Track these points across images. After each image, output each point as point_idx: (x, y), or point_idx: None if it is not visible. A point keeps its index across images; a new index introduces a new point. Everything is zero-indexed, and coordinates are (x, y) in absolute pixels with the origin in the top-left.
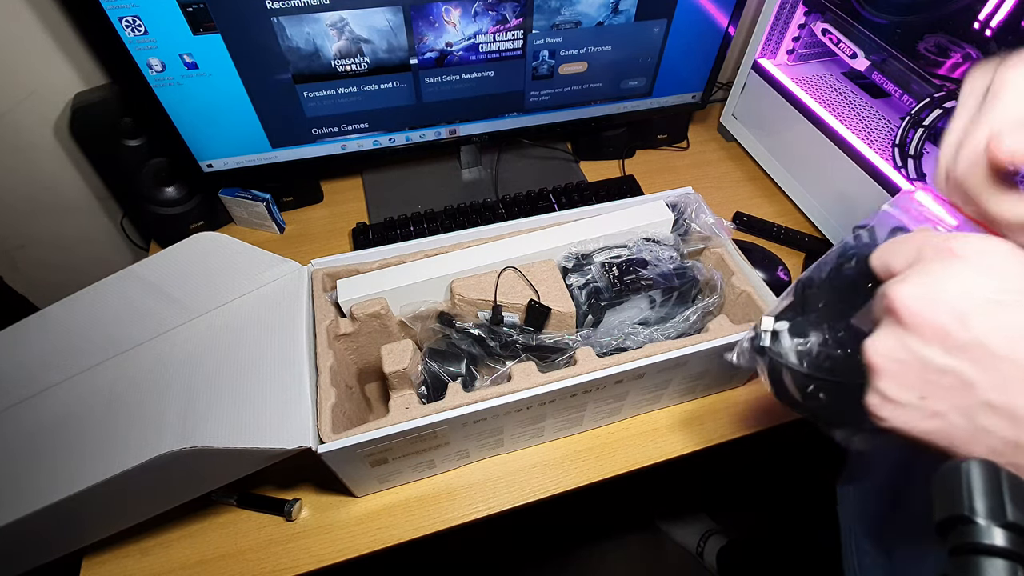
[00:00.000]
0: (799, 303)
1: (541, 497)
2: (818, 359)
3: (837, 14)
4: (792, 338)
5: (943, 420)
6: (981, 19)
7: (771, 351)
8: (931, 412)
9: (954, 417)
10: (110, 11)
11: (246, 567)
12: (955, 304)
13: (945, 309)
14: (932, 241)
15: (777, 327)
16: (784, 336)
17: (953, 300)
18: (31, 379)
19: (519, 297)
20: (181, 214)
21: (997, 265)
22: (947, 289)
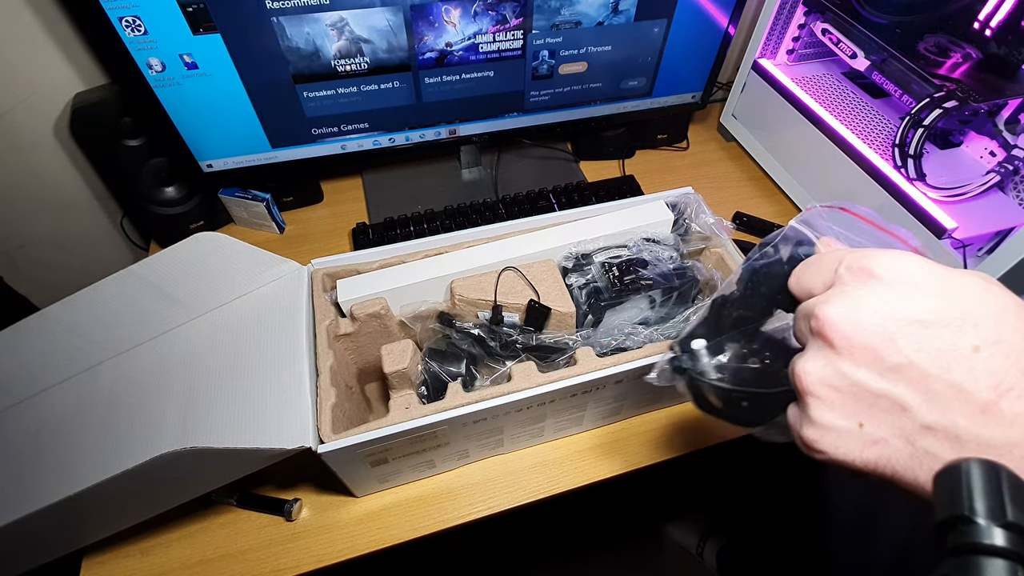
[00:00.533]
0: (714, 321)
1: (541, 497)
2: (738, 373)
3: (837, 14)
4: (711, 356)
5: (884, 447)
6: (981, 19)
7: (692, 371)
8: (871, 439)
9: (895, 442)
10: (110, 11)
11: (246, 567)
12: (882, 325)
13: (874, 330)
14: (848, 261)
15: (695, 346)
16: (703, 354)
17: (880, 321)
18: (31, 379)
19: (519, 297)
20: (181, 214)
21: (915, 283)
22: (873, 310)
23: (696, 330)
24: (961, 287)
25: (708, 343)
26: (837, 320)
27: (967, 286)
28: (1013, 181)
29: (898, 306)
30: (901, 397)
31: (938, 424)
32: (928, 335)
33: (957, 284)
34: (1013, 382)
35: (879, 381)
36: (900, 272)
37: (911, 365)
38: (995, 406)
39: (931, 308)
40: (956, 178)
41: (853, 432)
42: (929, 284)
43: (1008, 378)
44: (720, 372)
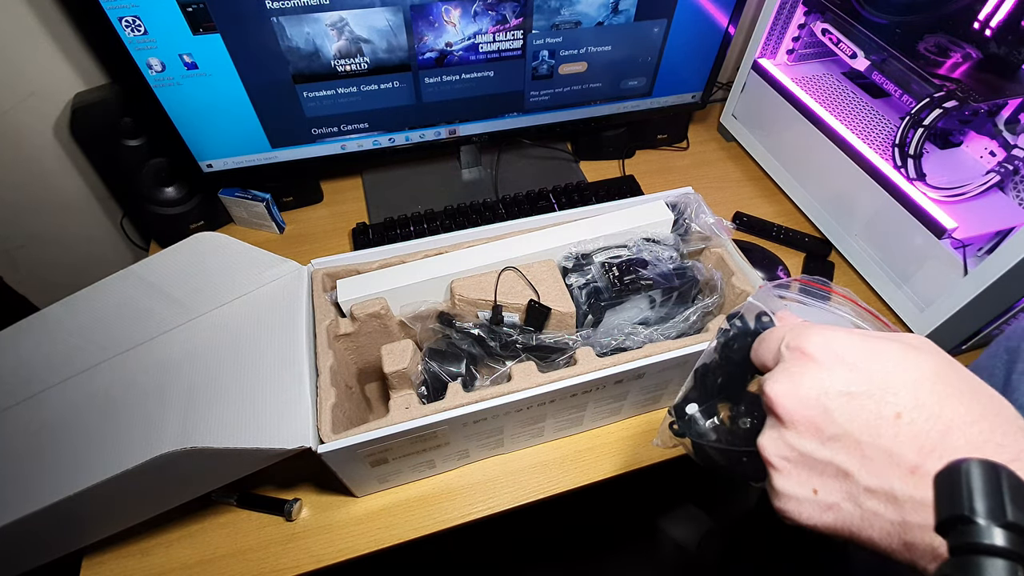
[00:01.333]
0: (700, 387)
1: (541, 497)
2: (733, 433)
3: (837, 14)
4: (705, 419)
5: (838, 511)
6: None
7: (692, 433)
8: (825, 505)
9: (845, 505)
10: (110, 11)
11: (246, 567)
12: (818, 399)
13: (811, 404)
14: (787, 340)
15: (689, 411)
16: (698, 418)
17: (815, 396)
18: (31, 379)
19: (519, 297)
20: (181, 214)
21: (842, 358)
22: (809, 387)
23: (688, 395)
24: (883, 357)
25: (700, 407)
26: (779, 397)
27: (889, 356)
28: (1013, 181)
29: (829, 381)
30: (843, 464)
31: (877, 487)
32: (857, 406)
33: (880, 355)
34: (934, 444)
35: (823, 450)
36: (829, 348)
37: (846, 434)
38: (921, 468)
39: (856, 380)
40: (956, 178)
41: (810, 499)
42: (855, 357)
43: (929, 441)
44: (716, 433)
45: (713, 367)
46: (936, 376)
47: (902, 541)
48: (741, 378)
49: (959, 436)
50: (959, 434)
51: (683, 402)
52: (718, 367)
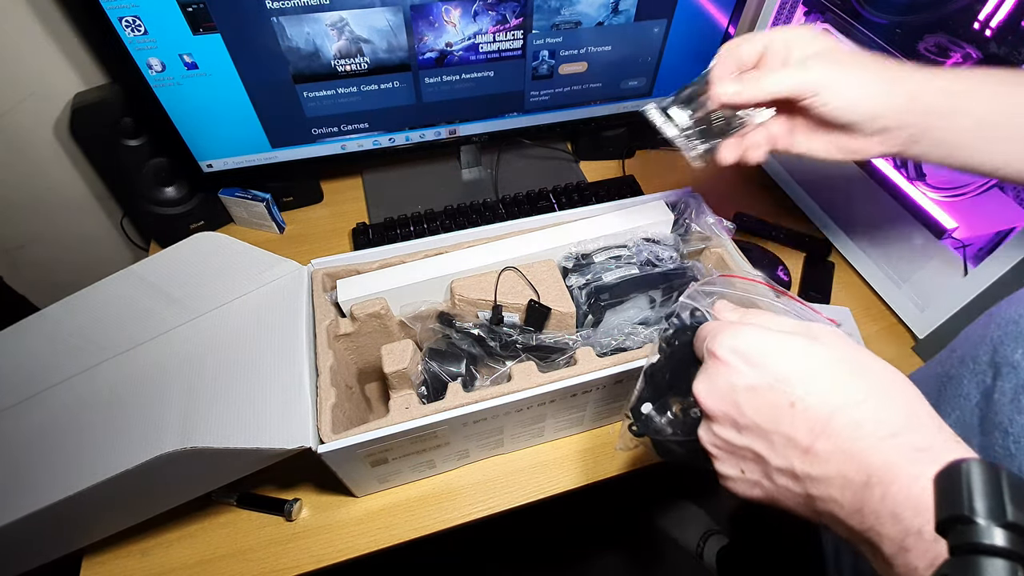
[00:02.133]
0: (651, 388)
1: (541, 497)
2: (686, 423)
3: (837, 14)
4: (660, 416)
5: (761, 487)
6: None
7: (649, 432)
8: (752, 482)
9: (765, 483)
10: (110, 11)
11: (246, 567)
12: (729, 395)
13: (724, 400)
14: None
15: (644, 410)
16: (654, 415)
17: (727, 392)
18: (31, 379)
19: (519, 297)
20: (181, 214)
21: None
22: (720, 384)
23: (642, 395)
24: (782, 353)
25: (654, 405)
26: (700, 395)
27: (787, 350)
28: None
29: (736, 379)
30: (757, 449)
31: (783, 467)
32: (760, 398)
33: (778, 351)
34: (821, 426)
35: (740, 438)
36: (736, 350)
37: (755, 424)
38: (812, 448)
39: (758, 376)
40: (956, 178)
41: (741, 478)
42: (757, 356)
43: (818, 423)
44: (672, 427)
45: (660, 366)
46: (829, 364)
47: (812, 510)
48: (686, 372)
49: (843, 417)
50: (843, 415)
51: (638, 403)
52: (664, 365)
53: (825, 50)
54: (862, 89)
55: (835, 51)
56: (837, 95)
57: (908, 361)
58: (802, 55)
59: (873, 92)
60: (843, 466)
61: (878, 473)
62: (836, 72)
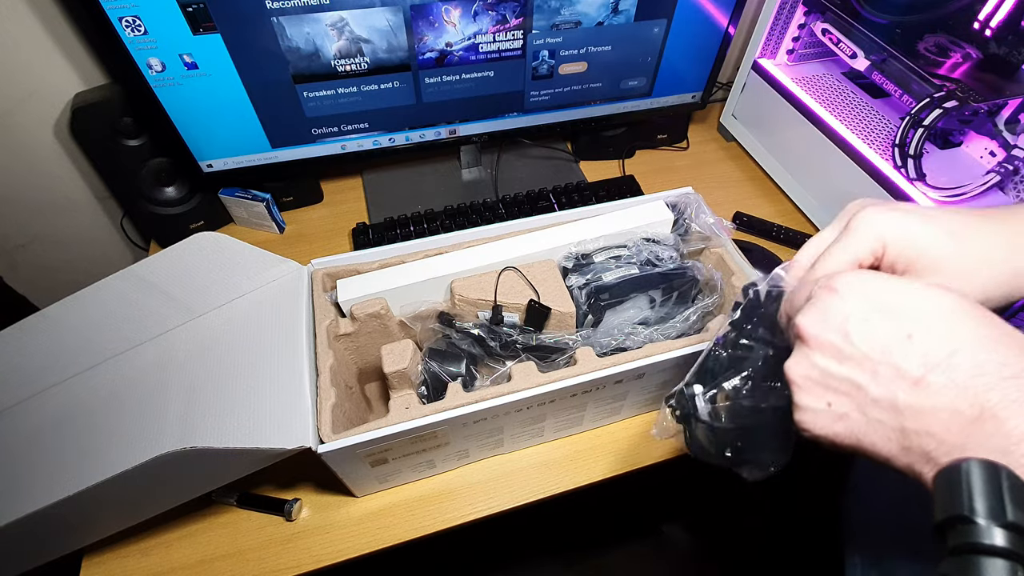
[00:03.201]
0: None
1: (541, 497)
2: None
3: (837, 14)
4: (706, 403)
5: (847, 421)
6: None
7: (693, 414)
8: (838, 415)
9: (854, 415)
10: (110, 11)
11: (246, 567)
12: (839, 325)
13: (833, 328)
14: (820, 281)
15: (695, 390)
16: (700, 399)
17: (837, 322)
18: (31, 379)
19: (519, 297)
20: (181, 214)
21: (865, 294)
22: (832, 314)
23: (694, 377)
24: (905, 292)
25: (704, 388)
26: (807, 324)
27: (911, 291)
28: (1013, 181)
29: (852, 309)
30: (856, 379)
31: (883, 397)
32: (873, 328)
33: (902, 290)
34: (938, 360)
35: (840, 368)
36: (857, 285)
37: (861, 354)
38: (924, 380)
39: (876, 308)
40: (956, 178)
41: (825, 411)
42: (879, 292)
43: (935, 357)
44: (715, 415)
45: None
46: (952, 308)
47: (900, 446)
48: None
49: (965, 356)
50: (965, 355)
51: (687, 384)
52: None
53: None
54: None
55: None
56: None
57: None
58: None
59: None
60: (956, 399)
61: (994, 408)
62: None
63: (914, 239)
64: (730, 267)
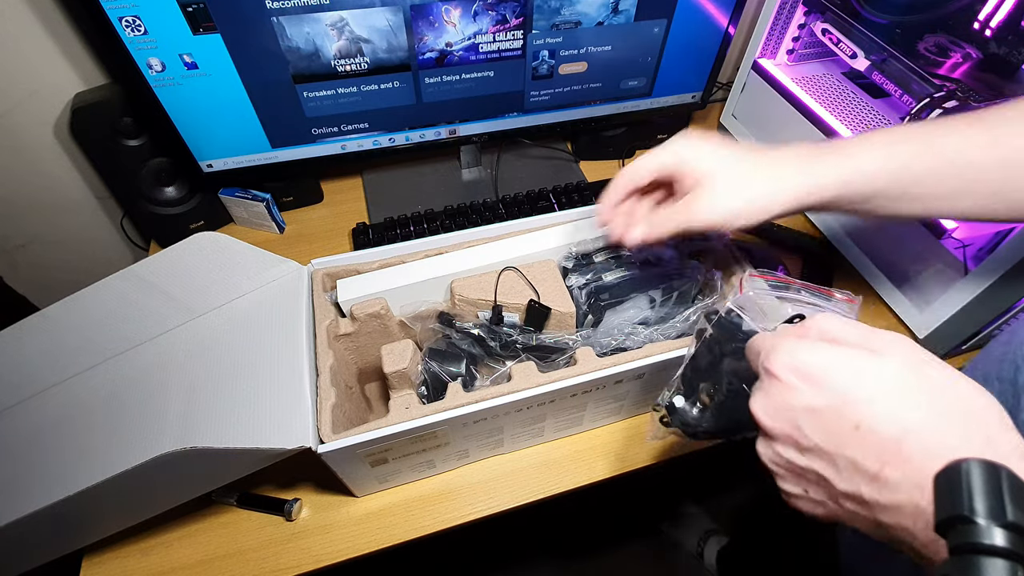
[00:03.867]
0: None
1: (541, 497)
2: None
3: (837, 14)
4: (691, 408)
5: (827, 508)
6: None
7: (681, 424)
8: (816, 502)
9: (831, 505)
10: (110, 11)
11: (246, 567)
12: (789, 417)
13: (783, 420)
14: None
15: (677, 403)
16: (686, 408)
17: (785, 413)
18: (31, 379)
19: (519, 297)
20: (181, 214)
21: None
22: (780, 405)
23: (675, 389)
24: (844, 370)
25: (686, 399)
26: (759, 415)
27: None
28: None
29: (795, 399)
30: (821, 471)
31: (850, 491)
32: (822, 421)
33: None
34: (890, 452)
35: (802, 459)
36: (794, 368)
37: (817, 447)
38: (881, 475)
39: (819, 397)
40: None
41: (804, 496)
42: (817, 374)
43: (886, 450)
44: (701, 416)
45: (694, 363)
46: (895, 381)
47: (885, 535)
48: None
49: (914, 442)
50: (912, 440)
51: (670, 396)
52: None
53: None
54: (756, 210)
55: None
56: (733, 219)
57: None
58: (694, 178)
59: (762, 208)
60: (914, 495)
61: None
62: (732, 201)
63: (695, 161)
64: (730, 267)
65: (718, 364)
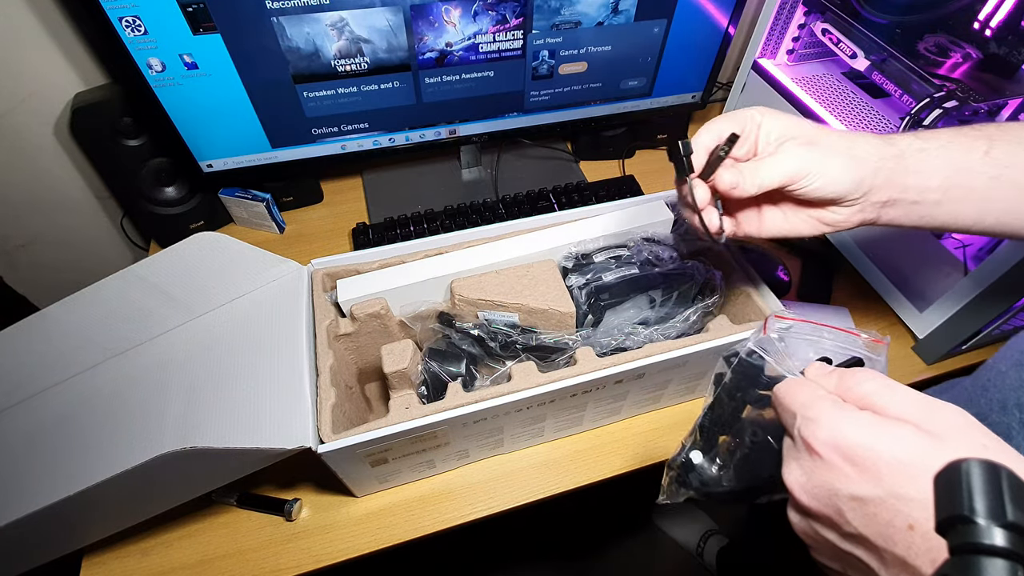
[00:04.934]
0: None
1: (541, 497)
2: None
3: (837, 14)
4: (710, 465)
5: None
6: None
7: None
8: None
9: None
10: (110, 11)
11: (246, 567)
12: (829, 500)
13: (825, 502)
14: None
15: (695, 459)
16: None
17: (827, 497)
18: (31, 379)
19: (519, 297)
20: (181, 214)
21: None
22: (818, 485)
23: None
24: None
25: (704, 456)
26: (795, 489)
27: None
28: None
29: (839, 484)
30: (863, 559)
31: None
32: (869, 512)
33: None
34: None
35: (844, 544)
36: (836, 447)
37: (862, 536)
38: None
39: (866, 485)
40: None
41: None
42: (862, 457)
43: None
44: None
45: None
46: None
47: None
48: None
49: None
50: None
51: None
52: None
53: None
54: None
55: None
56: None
57: (908, 361)
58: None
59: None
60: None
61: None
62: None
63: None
64: (730, 267)
65: (739, 413)
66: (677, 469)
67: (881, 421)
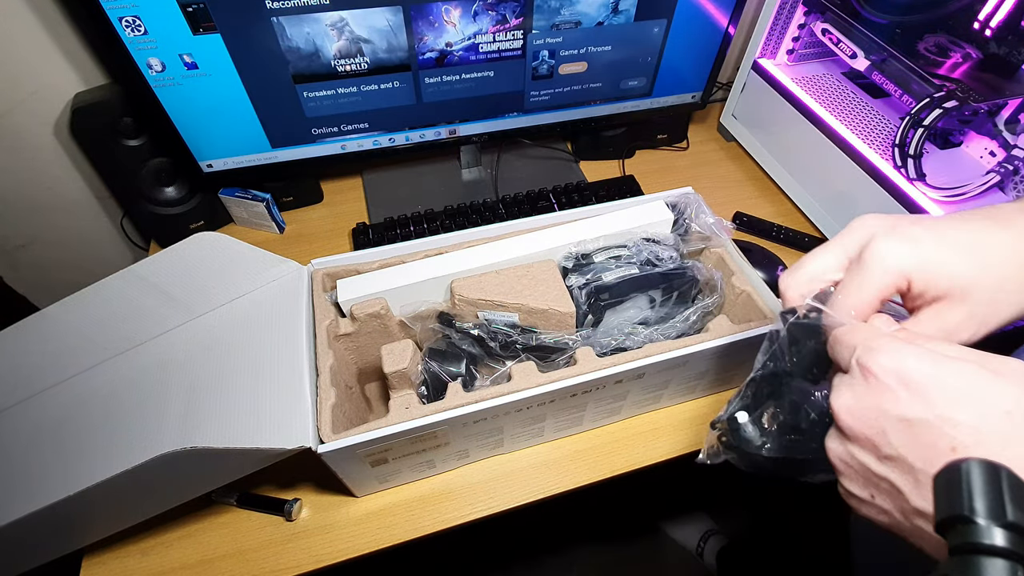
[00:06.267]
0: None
1: (541, 497)
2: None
3: (837, 14)
4: (754, 427)
5: (891, 517)
6: (981, 19)
7: (744, 443)
8: (881, 510)
9: (897, 516)
10: (110, 11)
11: (246, 567)
12: (876, 420)
13: (870, 423)
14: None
15: (741, 419)
16: (748, 427)
17: (873, 417)
18: (31, 379)
19: (519, 297)
20: (181, 214)
21: (906, 383)
22: (868, 406)
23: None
24: (952, 385)
25: (750, 415)
26: (841, 411)
27: (958, 383)
28: (1013, 181)
29: (889, 404)
30: (896, 482)
31: (925, 510)
32: (913, 433)
33: (948, 382)
34: None
35: (878, 466)
36: (896, 372)
37: (900, 458)
38: None
39: (916, 407)
40: (956, 178)
41: (869, 502)
42: (921, 383)
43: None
44: (765, 438)
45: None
46: (1009, 410)
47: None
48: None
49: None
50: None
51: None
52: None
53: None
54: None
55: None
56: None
57: None
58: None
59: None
60: None
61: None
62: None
63: (938, 269)
64: (730, 267)
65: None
66: (720, 428)
67: (944, 356)
